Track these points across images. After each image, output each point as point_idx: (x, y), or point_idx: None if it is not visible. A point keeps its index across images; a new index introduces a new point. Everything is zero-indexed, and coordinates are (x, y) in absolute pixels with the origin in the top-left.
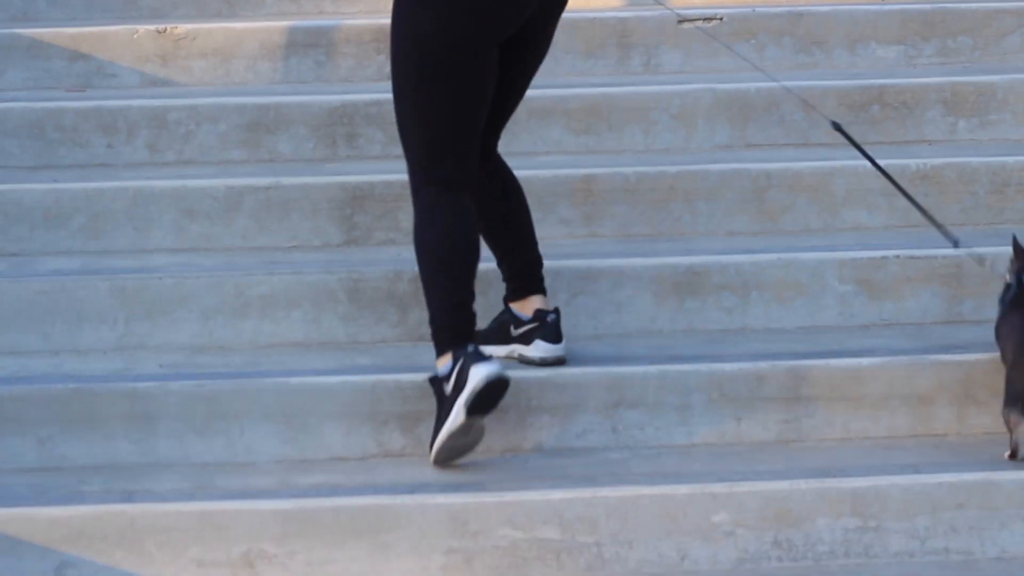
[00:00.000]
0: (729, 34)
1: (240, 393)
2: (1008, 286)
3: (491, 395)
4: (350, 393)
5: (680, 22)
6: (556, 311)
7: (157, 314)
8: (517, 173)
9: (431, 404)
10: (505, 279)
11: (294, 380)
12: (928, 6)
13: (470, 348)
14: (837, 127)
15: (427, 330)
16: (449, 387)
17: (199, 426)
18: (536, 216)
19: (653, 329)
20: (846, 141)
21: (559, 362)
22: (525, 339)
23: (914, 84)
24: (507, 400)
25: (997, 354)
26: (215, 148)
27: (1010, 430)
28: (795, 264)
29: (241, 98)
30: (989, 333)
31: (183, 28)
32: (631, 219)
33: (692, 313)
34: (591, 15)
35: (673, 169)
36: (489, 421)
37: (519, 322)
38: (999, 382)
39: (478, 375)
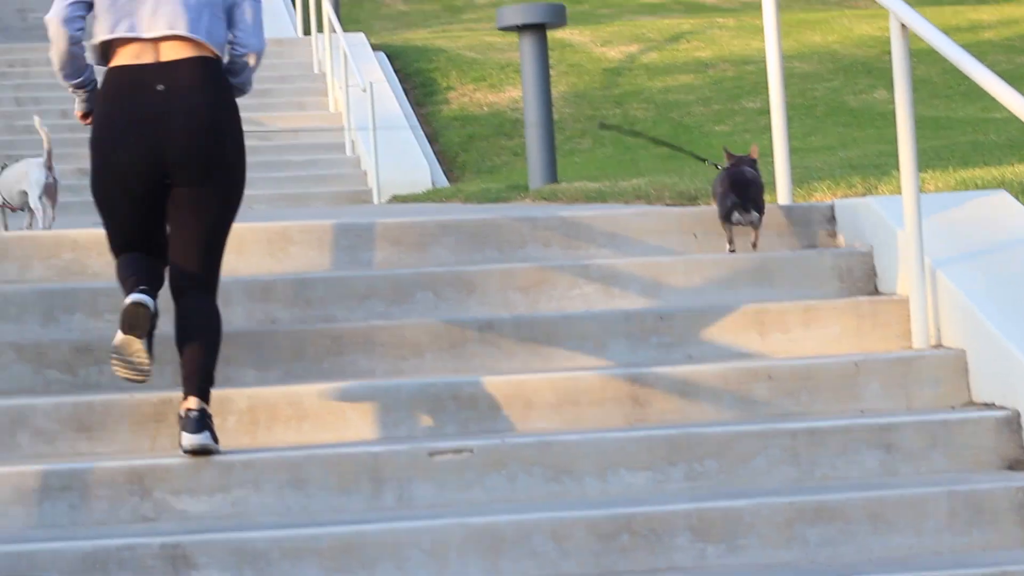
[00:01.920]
0: (481, 465)
1: None
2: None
3: (131, 317)
4: None
5: (432, 455)
6: (200, 409)
7: None
8: None
9: None
10: None
11: None
12: (675, 431)
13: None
14: (603, 125)
15: None
16: None
17: None
18: None
19: None
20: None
21: (203, 451)
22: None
23: (662, 511)
24: None
25: None
26: None
27: (726, 232)
28: None
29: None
30: None
31: None
32: None
33: None
34: (343, 450)
35: None
36: None
37: (179, 419)
38: None
39: (125, 301)
